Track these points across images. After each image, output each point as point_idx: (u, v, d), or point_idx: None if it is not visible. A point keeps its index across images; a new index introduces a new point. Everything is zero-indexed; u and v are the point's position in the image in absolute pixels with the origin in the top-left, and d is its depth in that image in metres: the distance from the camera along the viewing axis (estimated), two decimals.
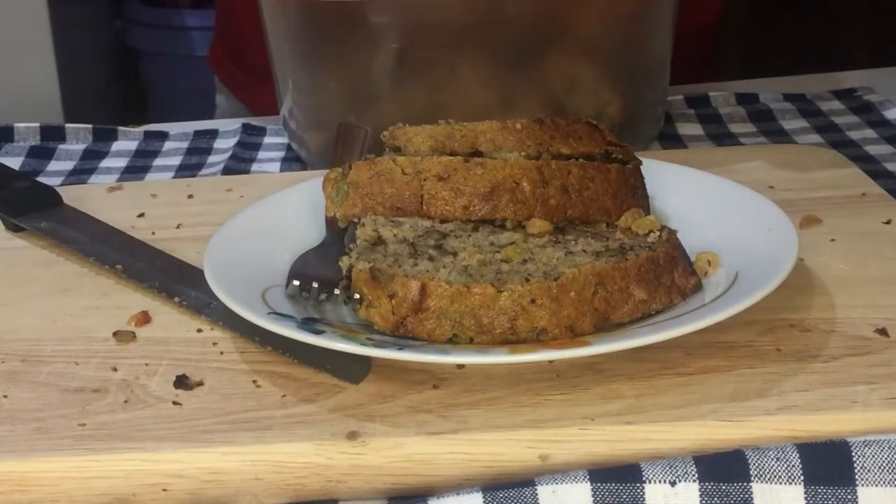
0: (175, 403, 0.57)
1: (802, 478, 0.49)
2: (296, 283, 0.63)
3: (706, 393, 0.55)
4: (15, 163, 0.98)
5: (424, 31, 0.84)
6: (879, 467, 0.49)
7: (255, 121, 1.05)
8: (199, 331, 0.64)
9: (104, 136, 1.04)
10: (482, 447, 0.52)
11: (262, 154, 0.99)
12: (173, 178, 0.95)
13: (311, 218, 0.71)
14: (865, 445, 0.50)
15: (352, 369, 0.57)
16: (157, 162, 0.99)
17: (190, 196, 0.84)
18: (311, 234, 0.70)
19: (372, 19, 0.83)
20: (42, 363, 0.61)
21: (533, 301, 0.56)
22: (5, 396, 0.58)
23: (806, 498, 0.49)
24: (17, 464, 0.53)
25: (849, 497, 0.49)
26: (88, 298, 0.69)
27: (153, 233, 0.77)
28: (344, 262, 0.61)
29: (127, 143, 1.03)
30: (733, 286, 0.60)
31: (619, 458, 0.52)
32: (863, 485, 0.49)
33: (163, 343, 0.63)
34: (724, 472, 0.49)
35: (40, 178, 0.91)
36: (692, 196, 0.71)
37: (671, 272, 0.60)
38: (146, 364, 0.61)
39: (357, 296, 0.58)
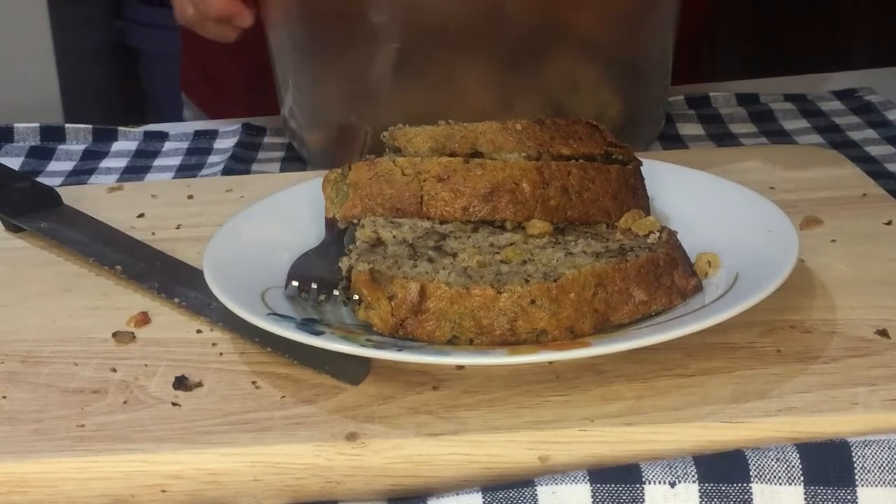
0: (174, 404, 0.57)
1: (802, 478, 0.49)
2: (295, 283, 0.63)
3: (706, 394, 0.55)
4: (15, 163, 0.98)
5: (425, 31, 0.84)
6: (879, 468, 0.49)
7: (255, 120, 1.05)
8: (199, 332, 0.64)
9: (104, 137, 1.03)
10: (482, 448, 0.52)
11: (262, 154, 0.99)
12: (173, 178, 0.94)
13: (310, 219, 0.71)
14: (865, 446, 0.50)
15: (351, 370, 0.57)
16: (157, 162, 0.99)
17: (190, 196, 0.84)
18: (310, 234, 0.70)
19: (373, 19, 0.83)
20: (41, 364, 0.61)
21: (533, 302, 0.56)
22: (4, 397, 0.58)
23: (806, 498, 0.49)
24: (16, 465, 0.53)
25: (849, 497, 0.49)
26: (88, 299, 0.69)
27: (153, 233, 0.77)
28: (343, 264, 0.61)
29: (127, 143, 1.03)
30: (733, 287, 0.60)
31: (618, 460, 0.52)
32: (863, 485, 0.49)
33: (162, 344, 0.63)
34: (723, 473, 0.49)
35: (40, 179, 0.91)
36: (692, 197, 0.71)
37: (671, 273, 0.60)
38: (145, 365, 0.61)
39: (356, 297, 0.58)
